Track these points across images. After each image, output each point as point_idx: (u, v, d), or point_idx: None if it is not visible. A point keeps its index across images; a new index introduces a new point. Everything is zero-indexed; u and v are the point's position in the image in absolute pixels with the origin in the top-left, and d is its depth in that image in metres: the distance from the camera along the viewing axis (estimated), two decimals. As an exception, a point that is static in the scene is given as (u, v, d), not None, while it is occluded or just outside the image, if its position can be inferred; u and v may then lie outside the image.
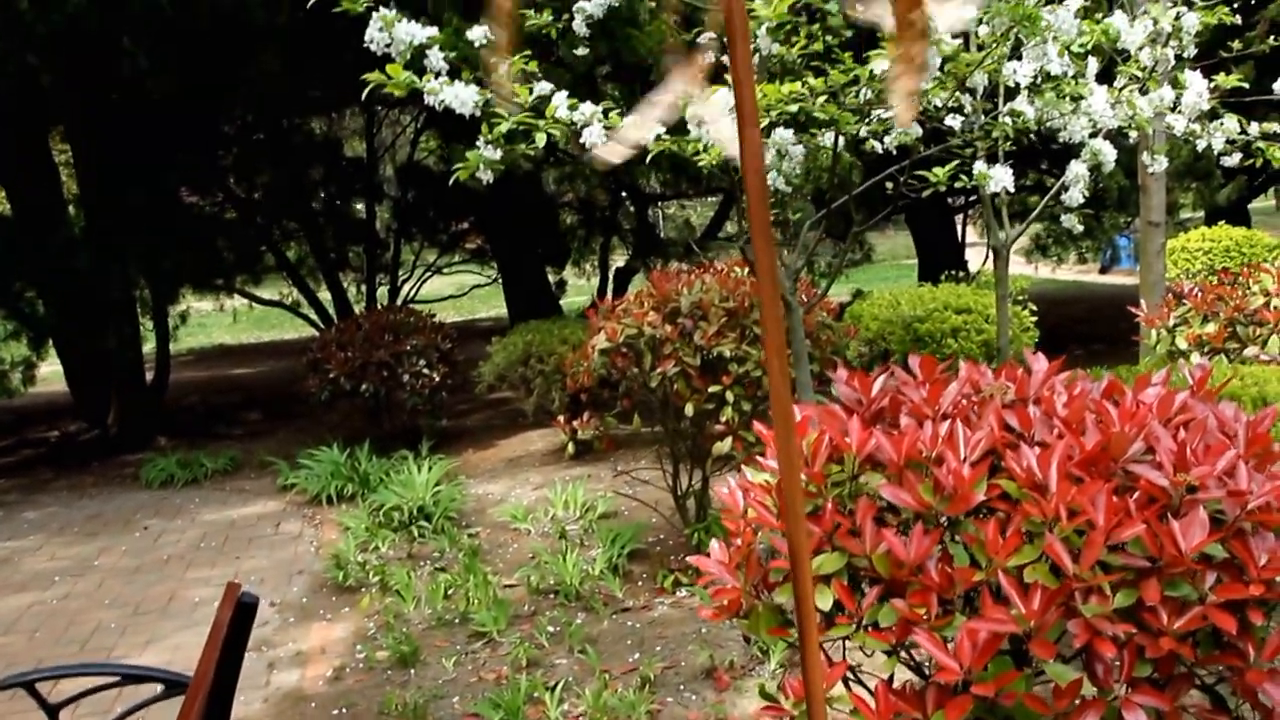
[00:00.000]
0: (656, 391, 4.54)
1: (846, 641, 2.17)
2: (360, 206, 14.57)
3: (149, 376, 10.94)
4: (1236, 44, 5.79)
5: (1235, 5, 5.66)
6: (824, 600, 2.14)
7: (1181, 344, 5.53)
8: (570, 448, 7.56)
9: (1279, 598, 1.99)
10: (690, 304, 4.49)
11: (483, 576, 5.10)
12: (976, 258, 14.96)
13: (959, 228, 15.43)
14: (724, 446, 4.47)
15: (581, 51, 4.92)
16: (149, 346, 11.53)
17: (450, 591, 5.12)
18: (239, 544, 6.49)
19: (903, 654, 2.15)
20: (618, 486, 6.66)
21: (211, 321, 23.11)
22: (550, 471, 7.52)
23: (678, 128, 3.71)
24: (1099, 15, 5.57)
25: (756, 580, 2.36)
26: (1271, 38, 6.21)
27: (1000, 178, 3.27)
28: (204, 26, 7.09)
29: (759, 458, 2.62)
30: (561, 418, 7.40)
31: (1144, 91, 3.99)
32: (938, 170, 3.34)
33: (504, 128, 3.00)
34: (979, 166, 4.42)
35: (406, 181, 14.63)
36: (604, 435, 6.03)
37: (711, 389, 4.43)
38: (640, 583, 5.16)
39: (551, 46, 7.61)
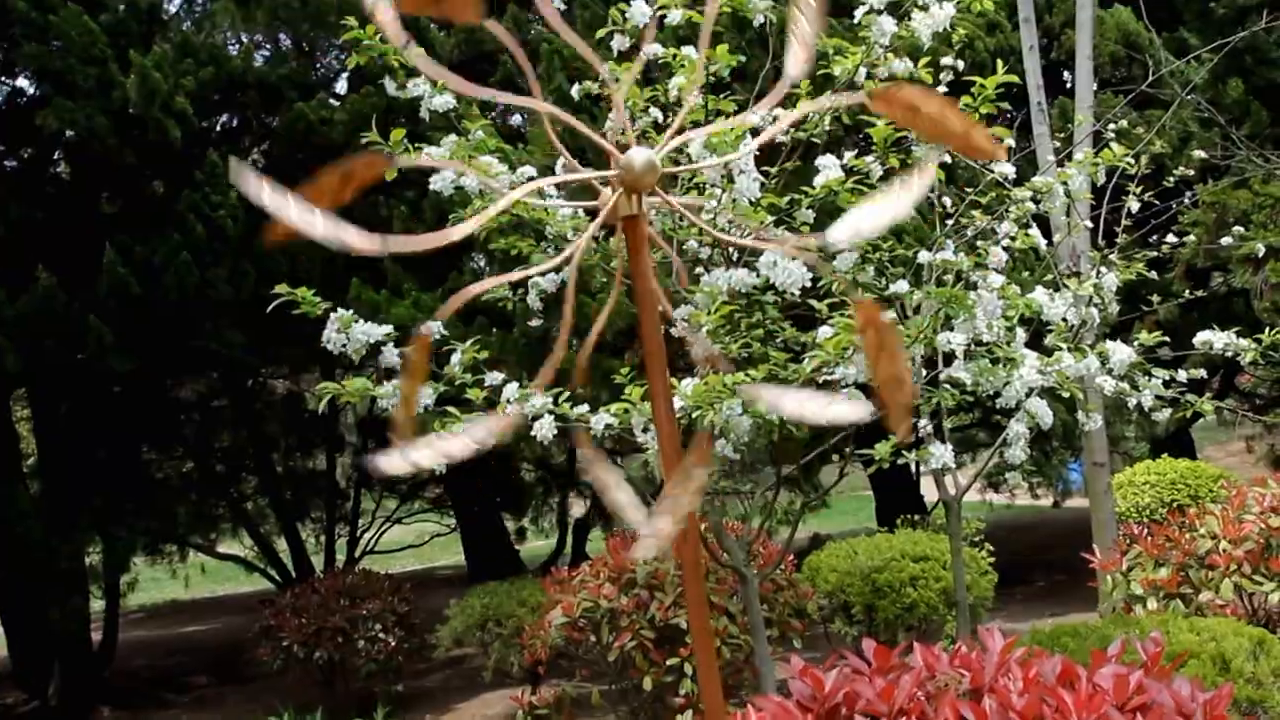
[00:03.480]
0: (615, 663, 4.46)
1: None
2: (321, 458, 14.56)
3: (96, 637, 10.54)
4: (1155, 297, 6.16)
5: (1152, 256, 6.06)
6: None
7: (1137, 589, 5.54)
8: (529, 725, 7.26)
9: None
10: (646, 575, 4.49)
11: None
12: (931, 487, 15.07)
13: (912, 463, 15.63)
14: (685, 721, 4.36)
15: (536, 322, 5.11)
16: (98, 604, 11.15)
17: None
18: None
19: None
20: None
21: (163, 576, 22.44)
22: (510, 739, 7.20)
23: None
24: (1024, 274, 5.92)
25: None
26: (1188, 291, 6.64)
27: (940, 455, 3.38)
28: (170, 300, 7.31)
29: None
30: (520, 691, 7.15)
31: (1073, 352, 4.18)
32: (880, 447, 3.46)
33: (457, 427, 3.08)
34: (923, 426, 4.57)
35: (367, 431, 14.70)
36: (564, 706, 5.83)
37: (670, 661, 4.36)
38: None
39: (509, 317, 7.88)
